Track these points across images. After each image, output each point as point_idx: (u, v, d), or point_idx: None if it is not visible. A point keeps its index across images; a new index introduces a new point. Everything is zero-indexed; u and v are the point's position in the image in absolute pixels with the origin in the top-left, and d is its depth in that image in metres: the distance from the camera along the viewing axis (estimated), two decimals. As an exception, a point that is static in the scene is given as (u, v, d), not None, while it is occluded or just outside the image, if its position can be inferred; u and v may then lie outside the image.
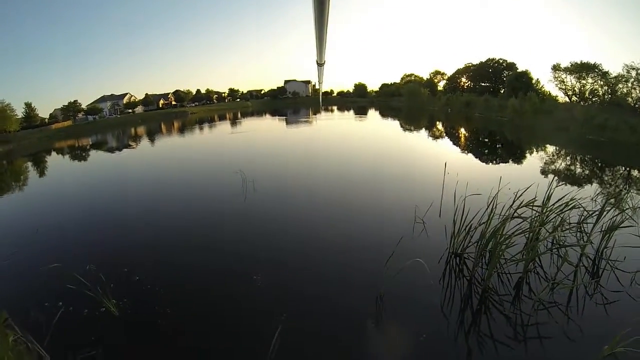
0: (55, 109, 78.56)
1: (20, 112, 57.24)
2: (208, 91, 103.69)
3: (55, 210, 9.95)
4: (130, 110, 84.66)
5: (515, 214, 4.75)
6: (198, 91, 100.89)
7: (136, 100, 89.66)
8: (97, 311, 4.39)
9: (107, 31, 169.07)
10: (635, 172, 12.48)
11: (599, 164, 14.42)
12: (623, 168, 13.23)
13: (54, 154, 29.01)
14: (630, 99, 32.48)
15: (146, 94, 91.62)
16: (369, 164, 12.89)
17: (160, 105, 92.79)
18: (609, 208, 5.47)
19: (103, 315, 4.34)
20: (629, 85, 33.32)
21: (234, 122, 43.11)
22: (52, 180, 16.60)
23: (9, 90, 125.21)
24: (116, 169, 17.41)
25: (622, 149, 17.17)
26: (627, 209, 5.83)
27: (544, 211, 5.08)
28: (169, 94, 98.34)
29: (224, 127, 37.41)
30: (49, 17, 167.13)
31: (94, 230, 7.73)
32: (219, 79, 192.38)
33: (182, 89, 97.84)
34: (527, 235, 4.79)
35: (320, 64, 2.15)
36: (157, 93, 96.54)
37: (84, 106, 76.50)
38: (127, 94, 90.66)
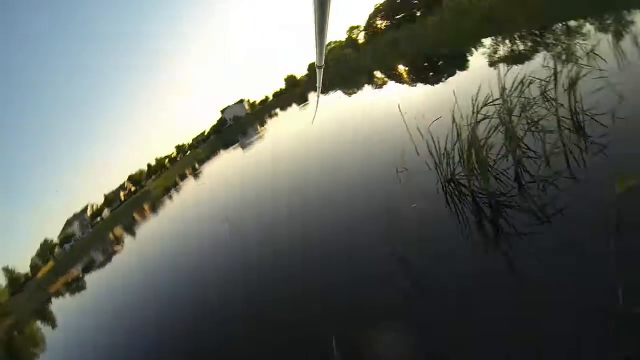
0: (31, 258, 76.35)
1: (2, 281, 56.21)
2: (158, 160, 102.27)
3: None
4: (98, 219, 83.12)
5: (480, 116, 4.73)
6: (149, 166, 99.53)
7: (99, 206, 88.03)
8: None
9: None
10: (572, 23, 12.64)
11: (537, 34, 14.53)
12: (560, 25, 13.36)
13: (54, 299, 28.33)
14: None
15: (105, 196, 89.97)
16: (332, 142, 12.81)
17: (123, 198, 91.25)
18: (560, 69, 5.39)
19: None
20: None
21: (195, 174, 42.57)
22: (69, 324, 16.07)
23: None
24: (114, 280, 17.11)
25: (550, 12, 17.28)
26: (577, 61, 5.84)
27: (506, 98, 5.04)
28: (124, 183, 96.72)
29: (189, 184, 37.06)
30: None
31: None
32: (162, 143, 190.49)
33: (133, 172, 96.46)
34: (501, 130, 4.78)
35: (319, 67, 2.15)
36: (114, 188, 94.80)
37: (56, 240, 74.99)
38: (86, 205, 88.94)
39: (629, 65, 6.04)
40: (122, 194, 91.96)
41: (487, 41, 18.18)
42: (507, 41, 15.53)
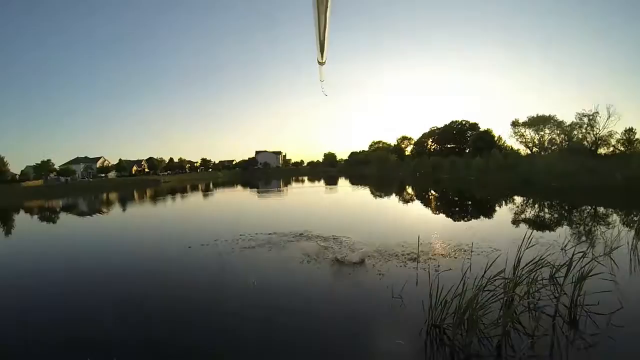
0: (27, 166, 77.21)
1: None
2: (181, 160, 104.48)
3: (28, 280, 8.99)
4: (103, 175, 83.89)
5: (489, 285, 4.85)
6: (171, 160, 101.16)
7: (109, 165, 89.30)
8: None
9: (86, 92, 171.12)
10: (600, 209, 13.03)
11: (567, 208, 14.99)
12: (589, 208, 13.77)
13: (22, 212, 29.11)
14: (585, 143, 34.95)
15: (120, 160, 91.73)
16: (342, 239, 11.22)
17: (134, 172, 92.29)
18: (577, 260, 5.71)
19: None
20: (583, 130, 36.09)
21: (205, 192, 42.89)
22: (18, 242, 16.11)
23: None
24: (84, 235, 16.77)
25: (585, 190, 17.93)
26: (594, 257, 5.99)
27: (516, 275, 5.30)
28: (142, 160, 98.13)
29: (195, 198, 37.28)
30: (26, 72, 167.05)
31: (75, 305, 7.05)
32: (192, 147, 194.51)
33: (155, 157, 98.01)
34: (501, 300, 4.89)
35: (321, 63, 2.14)
36: (131, 159, 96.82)
37: (56, 166, 75.36)
38: (101, 157, 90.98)
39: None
40: (135, 168, 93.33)
41: (519, 199, 18.81)
42: (536, 206, 15.99)
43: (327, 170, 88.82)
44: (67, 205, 34.59)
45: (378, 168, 61.90)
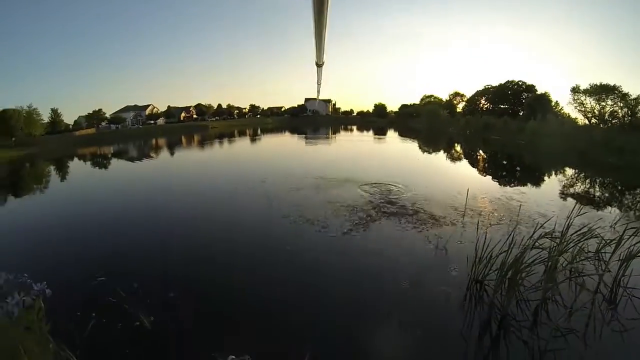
0: (79, 116, 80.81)
1: (45, 117, 58.50)
2: (229, 106, 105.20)
3: (83, 221, 9.97)
4: (152, 122, 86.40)
5: (536, 244, 4.92)
6: (219, 106, 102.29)
7: (158, 112, 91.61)
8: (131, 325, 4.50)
9: (134, 43, 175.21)
10: None
11: (620, 188, 14.34)
12: None
13: (76, 160, 30.73)
14: (651, 121, 32.09)
15: (168, 106, 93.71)
16: (389, 187, 11.90)
17: (182, 118, 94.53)
18: (627, 237, 5.57)
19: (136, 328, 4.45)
20: (649, 107, 33.11)
21: (253, 138, 43.94)
22: (75, 187, 17.20)
23: (36, 93, 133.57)
24: (133, 178, 18.04)
25: None
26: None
27: (563, 241, 5.24)
28: (190, 107, 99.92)
29: (243, 142, 38.29)
30: (73, 26, 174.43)
31: (126, 242, 7.79)
32: (240, 93, 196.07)
33: (203, 103, 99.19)
34: (546, 264, 4.91)
35: (319, 65, 2.13)
36: (179, 106, 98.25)
37: (107, 115, 78.47)
38: (149, 105, 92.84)
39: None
40: (183, 114, 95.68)
41: (570, 171, 18.10)
42: (589, 181, 15.36)
43: (377, 120, 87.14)
44: (118, 151, 36.47)
45: (428, 122, 60.13)
